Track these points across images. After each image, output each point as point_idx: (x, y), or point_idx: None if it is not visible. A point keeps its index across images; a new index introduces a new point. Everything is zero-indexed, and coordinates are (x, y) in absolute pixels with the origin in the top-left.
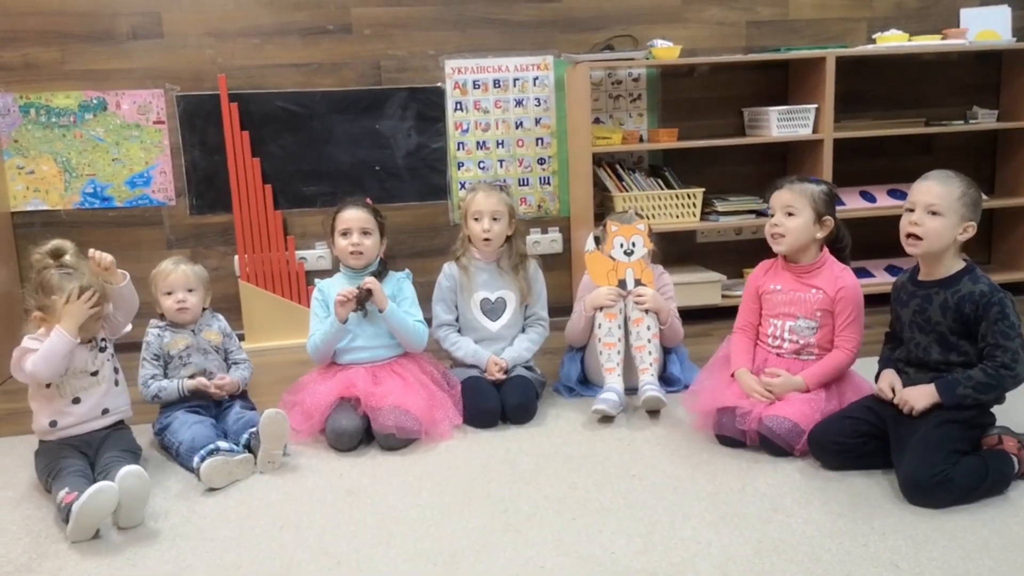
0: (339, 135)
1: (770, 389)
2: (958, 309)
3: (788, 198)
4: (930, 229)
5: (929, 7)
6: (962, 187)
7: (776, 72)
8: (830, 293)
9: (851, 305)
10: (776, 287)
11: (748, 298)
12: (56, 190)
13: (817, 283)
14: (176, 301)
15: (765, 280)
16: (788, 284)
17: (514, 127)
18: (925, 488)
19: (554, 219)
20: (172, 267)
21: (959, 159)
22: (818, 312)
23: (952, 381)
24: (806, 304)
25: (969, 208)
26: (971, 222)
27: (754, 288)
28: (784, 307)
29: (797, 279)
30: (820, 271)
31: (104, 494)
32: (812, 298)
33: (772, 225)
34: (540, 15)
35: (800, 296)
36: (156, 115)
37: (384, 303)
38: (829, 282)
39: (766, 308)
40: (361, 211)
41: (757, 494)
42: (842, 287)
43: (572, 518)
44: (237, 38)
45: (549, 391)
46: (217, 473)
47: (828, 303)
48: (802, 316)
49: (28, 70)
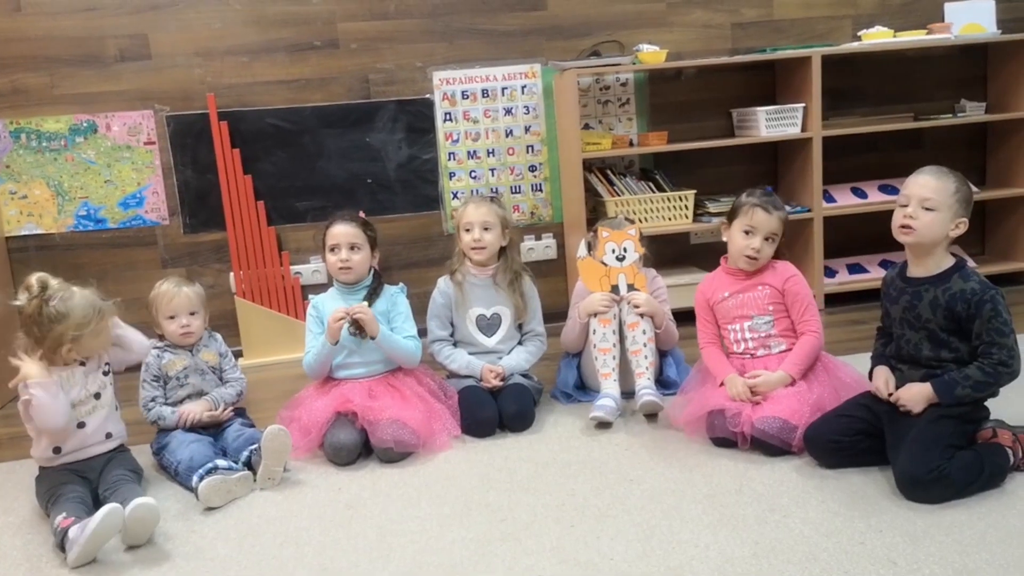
0: (330, 149)
1: (756, 390)
2: (949, 307)
3: (776, 225)
4: (924, 223)
5: (913, 2)
6: (956, 183)
7: (763, 72)
8: (778, 286)
9: (801, 293)
10: (724, 295)
11: (702, 312)
12: (49, 214)
13: (762, 280)
14: (180, 326)
15: (713, 292)
16: (735, 288)
17: (504, 135)
18: (922, 484)
19: (547, 225)
20: (175, 290)
21: (949, 152)
22: (770, 306)
23: (950, 382)
24: (756, 302)
25: (962, 204)
26: (963, 218)
27: (704, 301)
28: (737, 310)
29: (743, 281)
30: (764, 270)
31: (112, 517)
32: (760, 295)
33: (753, 250)
34: (526, 24)
35: (749, 296)
36: (147, 136)
37: (375, 330)
38: (773, 277)
39: (720, 316)
40: (349, 226)
41: (754, 495)
42: (788, 278)
43: (571, 525)
44: (225, 57)
45: (546, 398)
46: (215, 492)
47: (777, 296)
48: (756, 314)
49: (17, 95)
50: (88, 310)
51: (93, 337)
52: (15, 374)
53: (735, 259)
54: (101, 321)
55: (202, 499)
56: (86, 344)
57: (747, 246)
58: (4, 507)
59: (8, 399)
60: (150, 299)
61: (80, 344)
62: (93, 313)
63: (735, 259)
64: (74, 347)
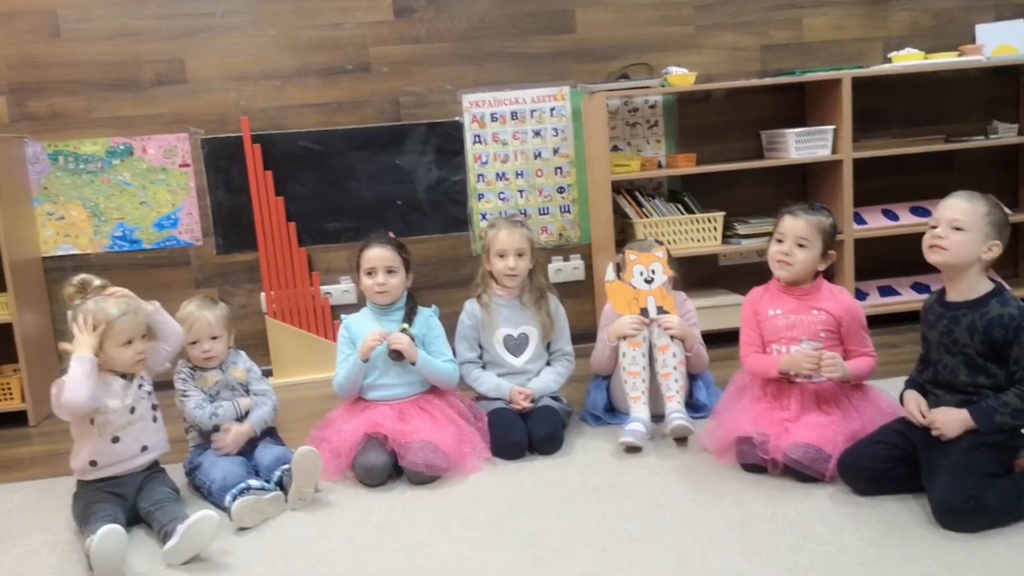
0: (360, 171)
1: (832, 363)
2: (987, 333)
3: (803, 229)
4: (952, 242)
5: (944, 24)
6: (988, 206)
7: (792, 94)
8: (834, 313)
9: (858, 322)
10: (776, 312)
11: (748, 322)
12: (86, 234)
13: (817, 303)
14: (202, 351)
15: (762, 305)
16: (788, 307)
17: (533, 157)
18: (958, 512)
19: (575, 247)
20: (196, 314)
21: (981, 175)
22: (822, 332)
23: (988, 409)
24: (809, 326)
25: (994, 227)
26: (996, 241)
27: (751, 313)
28: (786, 331)
29: (796, 301)
30: (818, 291)
31: (112, 536)
32: (815, 319)
33: (782, 254)
34: (555, 47)
35: (802, 319)
36: (181, 158)
37: (415, 356)
38: (829, 302)
39: (767, 334)
40: (386, 249)
41: (787, 522)
42: (846, 306)
43: (602, 550)
44: (259, 81)
45: (575, 420)
46: (248, 513)
47: (832, 323)
48: (805, 338)
49: (56, 119)
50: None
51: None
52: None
53: (772, 268)
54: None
55: (235, 519)
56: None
57: (778, 251)
58: (40, 525)
59: (44, 416)
60: (177, 319)
61: (112, 332)
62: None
63: (772, 268)
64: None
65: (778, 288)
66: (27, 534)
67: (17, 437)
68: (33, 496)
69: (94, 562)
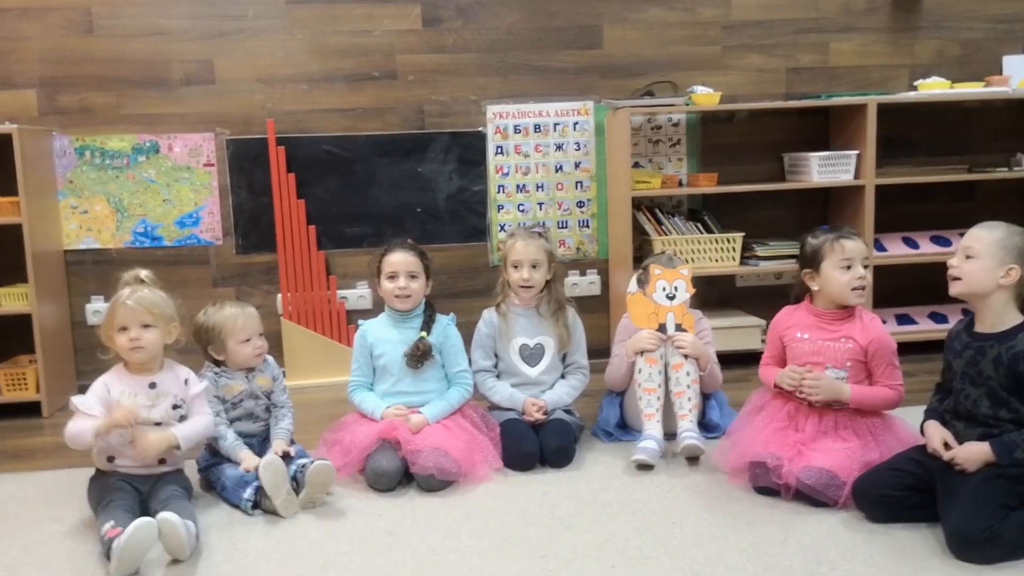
0: (382, 178)
1: (807, 384)
2: (1011, 366)
3: (858, 248)
4: (966, 271)
5: (971, 54)
6: (1004, 232)
7: (817, 118)
8: (862, 343)
9: (887, 353)
10: (803, 335)
11: (772, 342)
12: (108, 229)
13: (847, 332)
14: (255, 348)
15: (790, 328)
16: (816, 333)
17: (554, 171)
18: (973, 543)
19: (592, 261)
20: (240, 312)
21: (1003, 206)
22: (848, 362)
23: (1009, 444)
24: (836, 353)
25: (1011, 252)
26: (1013, 265)
27: (777, 334)
28: (811, 356)
29: (826, 327)
30: (851, 319)
31: (143, 530)
32: (842, 347)
33: (861, 279)
34: (581, 61)
35: (829, 345)
36: (206, 158)
37: (424, 424)
38: (860, 331)
39: (791, 356)
40: (408, 255)
41: (800, 546)
42: (876, 337)
43: (611, 565)
44: (286, 84)
45: (587, 435)
46: (272, 472)
47: (859, 353)
48: (831, 366)
49: (84, 114)
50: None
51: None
52: (66, 384)
53: (842, 297)
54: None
55: (260, 470)
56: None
57: (853, 277)
58: (52, 515)
59: (57, 408)
60: (209, 326)
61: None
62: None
63: (842, 297)
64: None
65: (809, 312)
66: (39, 523)
67: (31, 427)
68: (45, 487)
69: (118, 552)
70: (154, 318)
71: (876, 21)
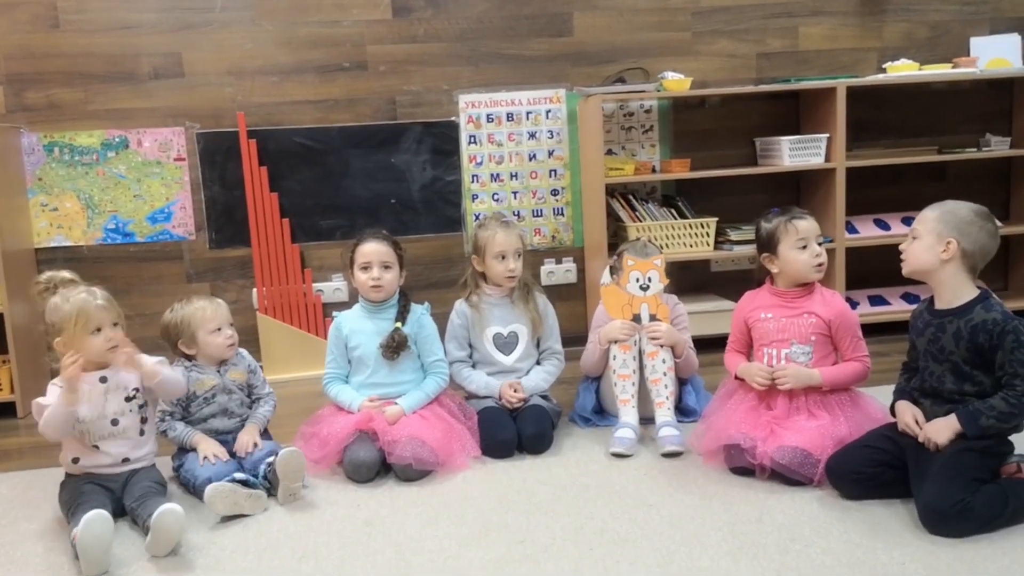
0: (355, 169)
1: (778, 378)
2: (972, 339)
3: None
4: (909, 252)
5: (939, 36)
6: (945, 208)
7: (787, 102)
8: (825, 318)
9: (851, 326)
10: (766, 315)
11: (737, 327)
12: (79, 226)
13: (808, 307)
14: (227, 337)
15: (755, 309)
16: (779, 312)
17: (527, 159)
18: (945, 517)
19: (568, 249)
20: (209, 304)
21: (973, 186)
22: (812, 336)
23: (974, 412)
24: (800, 329)
25: (949, 226)
26: (951, 239)
27: (741, 317)
28: (776, 334)
29: (788, 305)
30: (811, 296)
31: (96, 522)
32: (805, 323)
33: (817, 257)
34: (552, 49)
35: (793, 322)
36: (177, 152)
37: (400, 416)
38: (821, 306)
39: (757, 337)
40: (381, 244)
41: (774, 524)
42: (839, 312)
43: (589, 548)
44: (256, 76)
45: (564, 421)
46: (220, 498)
47: (823, 327)
48: (796, 341)
49: (52, 110)
50: (73, 312)
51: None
52: (40, 384)
53: (804, 275)
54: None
55: (207, 502)
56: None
57: (812, 255)
58: (27, 515)
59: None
60: (177, 321)
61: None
62: (76, 315)
63: (804, 275)
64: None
65: (770, 292)
66: (14, 524)
67: (5, 428)
68: (20, 486)
69: (79, 549)
70: (119, 315)
71: (844, 5)
